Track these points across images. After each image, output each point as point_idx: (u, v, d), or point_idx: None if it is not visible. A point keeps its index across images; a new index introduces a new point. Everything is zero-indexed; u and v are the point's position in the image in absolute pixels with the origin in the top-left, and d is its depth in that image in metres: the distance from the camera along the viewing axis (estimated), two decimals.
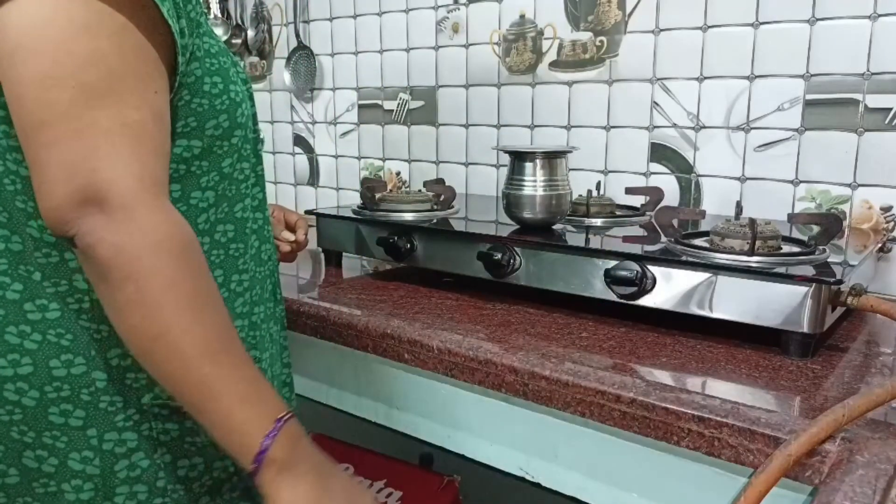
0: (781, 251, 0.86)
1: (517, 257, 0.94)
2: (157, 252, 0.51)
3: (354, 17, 1.64)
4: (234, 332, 0.57)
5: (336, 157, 1.76)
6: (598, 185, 1.18)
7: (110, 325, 0.56)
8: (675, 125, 1.22)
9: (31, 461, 0.60)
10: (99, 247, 0.50)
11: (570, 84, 1.33)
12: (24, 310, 0.59)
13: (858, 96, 1.05)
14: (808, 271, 0.78)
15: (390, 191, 1.37)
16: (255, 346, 0.71)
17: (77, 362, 0.60)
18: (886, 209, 1.05)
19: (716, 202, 1.20)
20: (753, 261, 0.81)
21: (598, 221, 1.09)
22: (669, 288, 0.83)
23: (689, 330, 0.86)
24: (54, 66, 0.50)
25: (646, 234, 1.03)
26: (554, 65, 1.35)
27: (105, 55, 0.51)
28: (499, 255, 0.94)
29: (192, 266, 0.54)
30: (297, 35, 1.74)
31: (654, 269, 0.84)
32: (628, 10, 1.24)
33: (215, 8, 1.79)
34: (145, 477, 0.62)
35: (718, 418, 0.65)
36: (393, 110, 1.62)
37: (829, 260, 0.84)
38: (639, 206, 1.17)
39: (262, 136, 0.71)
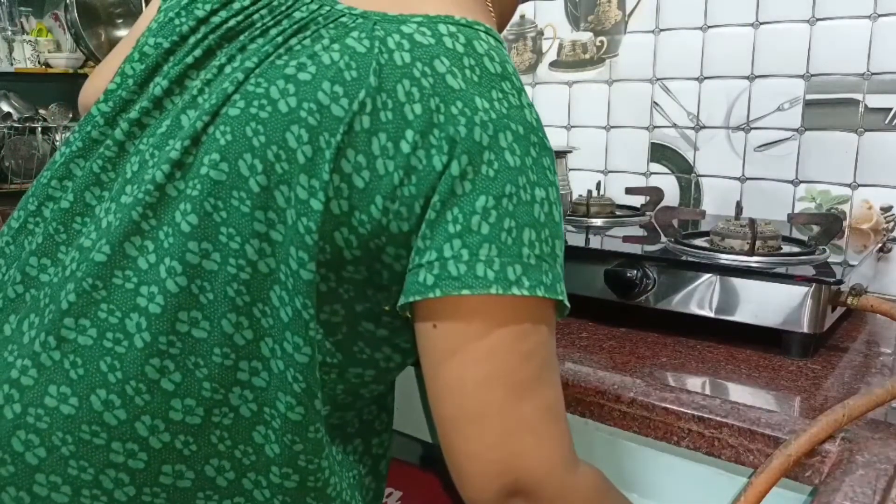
0: (781, 251, 0.86)
1: None
2: None
3: None
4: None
5: None
6: (598, 185, 1.18)
7: None
8: (675, 125, 1.22)
9: None
10: None
11: (570, 84, 1.33)
12: None
13: (858, 96, 1.05)
14: (808, 271, 0.78)
15: None
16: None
17: None
18: (886, 209, 1.05)
19: (716, 202, 1.20)
20: (753, 261, 0.81)
21: (598, 221, 1.09)
22: (669, 288, 0.83)
23: (689, 330, 0.86)
24: (500, 366, 0.50)
25: (646, 234, 1.03)
26: (554, 65, 1.35)
27: (545, 346, 0.52)
28: None
29: (611, 491, 0.59)
30: None
31: (654, 269, 0.84)
32: (628, 10, 1.24)
33: None
34: None
35: (718, 418, 0.65)
36: None
37: (829, 260, 0.84)
38: (639, 206, 1.17)
39: None
